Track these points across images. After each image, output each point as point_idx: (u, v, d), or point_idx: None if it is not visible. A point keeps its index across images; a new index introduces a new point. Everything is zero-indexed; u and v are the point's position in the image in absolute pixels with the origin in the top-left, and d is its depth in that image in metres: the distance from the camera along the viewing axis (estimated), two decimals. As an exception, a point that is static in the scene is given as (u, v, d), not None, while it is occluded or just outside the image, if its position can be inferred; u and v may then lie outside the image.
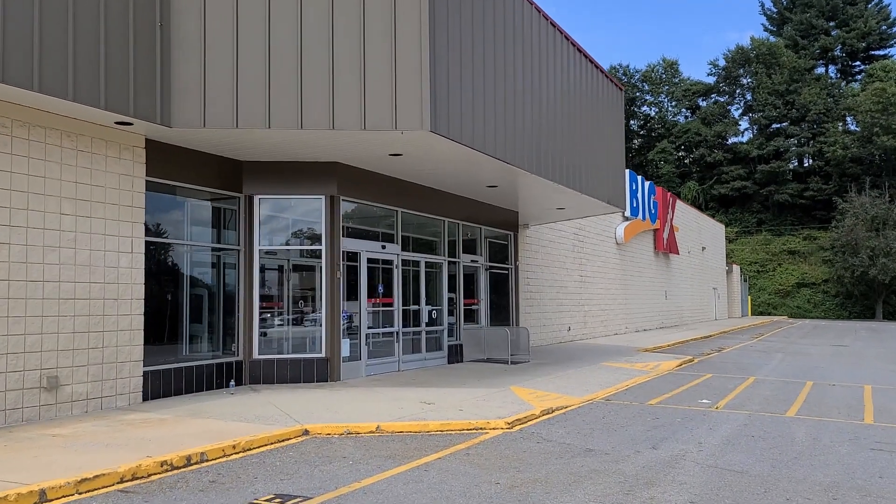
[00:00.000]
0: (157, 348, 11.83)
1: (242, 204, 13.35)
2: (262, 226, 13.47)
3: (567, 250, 26.22)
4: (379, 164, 13.69)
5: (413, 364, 15.88)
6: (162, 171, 11.73)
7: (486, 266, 19.49)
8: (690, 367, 18.00)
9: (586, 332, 27.48)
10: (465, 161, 13.41)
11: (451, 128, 11.54)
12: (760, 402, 12.00)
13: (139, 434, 8.54)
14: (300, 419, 9.56)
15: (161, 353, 11.89)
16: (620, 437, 9.04)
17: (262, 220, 13.46)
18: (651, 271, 35.87)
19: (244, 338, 13.22)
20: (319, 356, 13.41)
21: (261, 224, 13.43)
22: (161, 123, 10.51)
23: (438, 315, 17.11)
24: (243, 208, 13.35)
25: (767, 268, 68.13)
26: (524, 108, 14.30)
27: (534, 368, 16.23)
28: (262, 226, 13.47)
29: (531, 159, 14.44)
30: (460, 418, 9.75)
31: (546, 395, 12.25)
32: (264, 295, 13.62)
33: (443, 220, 17.39)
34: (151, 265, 11.70)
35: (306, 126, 10.85)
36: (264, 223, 13.53)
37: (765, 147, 73.39)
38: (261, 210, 13.44)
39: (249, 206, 13.36)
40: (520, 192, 17.21)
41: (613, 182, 19.09)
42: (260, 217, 13.42)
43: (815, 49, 77.09)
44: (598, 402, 11.96)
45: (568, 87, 16.45)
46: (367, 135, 11.34)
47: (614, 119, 19.36)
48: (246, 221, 13.36)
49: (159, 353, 11.83)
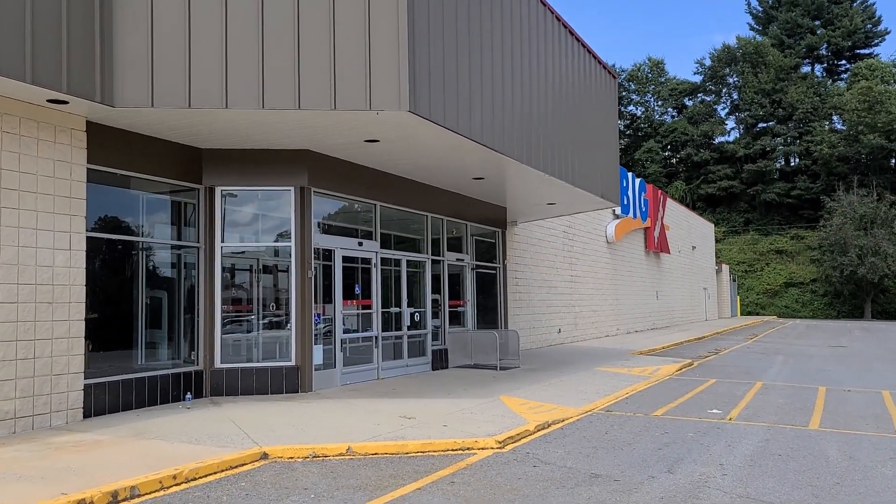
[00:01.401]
0: (106, 358, 10.52)
1: (202, 196, 12.05)
2: (225, 221, 12.17)
3: (557, 249, 25.06)
4: (354, 152, 12.43)
5: (394, 371, 14.62)
6: (108, 159, 10.42)
7: (472, 265, 18.27)
8: (691, 371, 16.87)
9: (577, 334, 26.33)
10: (448, 149, 12.18)
11: (432, 109, 10.32)
12: (776, 412, 10.85)
13: (65, 462, 7.24)
14: (259, 439, 8.28)
15: (112, 362, 10.58)
16: (629, 457, 7.84)
17: (224, 215, 12.16)
18: (642, 271, 34.80)
19: (205, 345, 11.92)
20: (289, 364, 12.13)
21: (223, 219, 12.13)
22: (102, 102, 9.21)
23: (421, 318, 15.87)
24: (203, 201, 12.05)
25: (755, 267, 67.45)
26: (513, 92, 13.11)
27: (525, 375, 15.02)
28: (225, 221, 12.17)
29: (520, 148, 13.24)
30: (444, 436, 8.51)
31: (540, 405, 11.04)
32: (229, 297, 12.33)
33: (426, 216, 16.15)
34: (97, 264, 10.39)
35: (269, 105, 9.59)
36: (227, 218, 12.23)
37: (751, 146, 72.78)
38: (223, 203, 12.15)
39: (210, 199, 12.06)
40: (508, 185, 16.01)
41: (607, 175, 17.94)
42: (222, 211, 12.13)
43: (801, 48, 76.63)
44: (598, 413, 10.77)
45: (560, 73, 15.28)
46: (338, 116, 10.09)
47: (608, 108, 18.22)
48: (206, 216, 12.06)
49: (109, 362, 10.52)
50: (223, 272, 12.12)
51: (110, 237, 10.70)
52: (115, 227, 10.90)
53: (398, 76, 9.63)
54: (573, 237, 26.42)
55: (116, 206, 11.12)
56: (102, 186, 10.59)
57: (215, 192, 12.07)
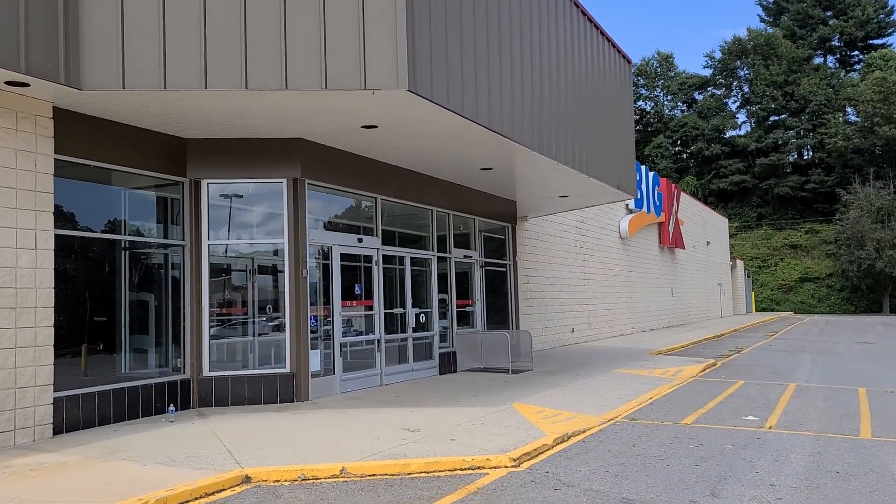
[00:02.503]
0: (83, 368, 9.61)
1: (187, 190, 11.12)
2: (212, 217, 11.23)
3: (569, 245, 24.04)
4: (351, 140, 11.47)
5: (398, 377, 13.65)
6: (80, 150, 9.49)
7: (481, 262, 17.28)
8: (715, 372, 15.82)
9: (591, 333, 25.30)
10: (453, 135, 11.21)
11: (434, 89, 9.34)
12: (820, 419, 9.82)
13: (16, 490, 6.30)
14: (244, 459, 7.33)
15: (91, 372, 9.67)
16: (663, 476, 6.84)
17: (211, 210, 11.21)
18: (657, 267, 33.72)
19: (192, 352, 10.98)
20: (283, 371, 11.18)
21: (210, 215, 11.19)
22: (67, 84, 8.27)
23: (427, 319, 14.90)
24: (188, 196, 11.11)
25: (769, 263, 66.20)
26: (522, 74, 12.12)
27: (539, 378, 14.02)
28: (212, 217, 11.23)
29: (531, 134, 12.25)
30: (452, 453, 7.54)
31: (557, 413, 10.06)
32: (218, 300, 11.40)
33: (431, 210, 15.17)
34: (70, 265, 9.46)
35: (253, 85, 8.63)
36: (215, 214, 11.29)
37: (763, 140, 71.53)
38: (210, 198, 11.21)
39: (196, 193, 11.12)
40: (517, 176, 15.02)
41: (623, 165, 16.92)
42: (209, 206, 11.19)
43: (813, 39, 75.28)
44: (622, 421, 9.77)
45: (572, 56, 14.27)
46: (330, 98, 9.14)
47: (623, 95, 17.20)
48: (192, 211, 11.12)
49: (87, 372, 9.61)
50: (211, 272, 11.18)
51: (84, 235, 9.76)
52: (90, 225, 9.97)
53: (395, 52, 8.66)
54: (586, 233, 25.40)
55: (92, 201, 10.20)
56: (75, 180, 9.68)
57: (201, 186, 11.13)
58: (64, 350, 9.19)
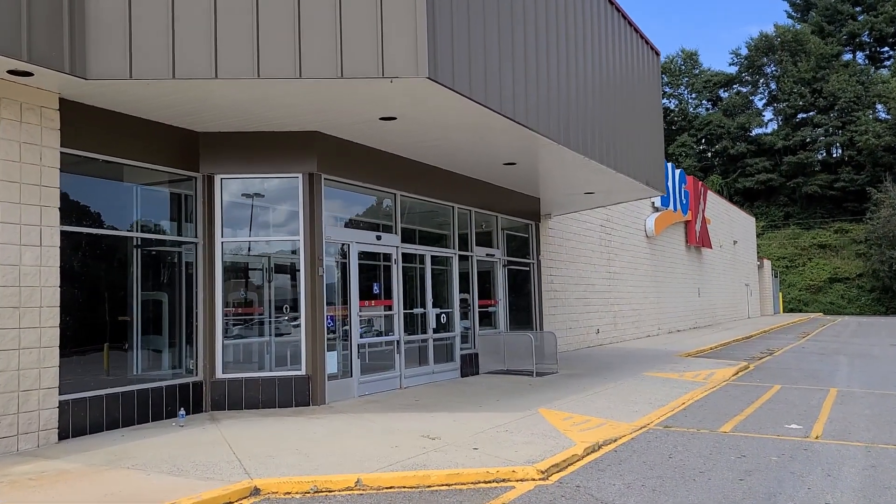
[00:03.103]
0: (92, 370, 9.25)
1: (200, 186, 10.73)
2: (226, 213, 10.83)
3: (594, 244, 23.43)
4: (369, 133, 11.02)
5: (419, 379, 13.18)
6: (88, 143, 9.13)
7: (504, 261, 16.76)
8: (749, 375, 15.18)
9: (616, 334, 24.66)
10: (475, 127, 10.71)
11: (456, 77, 8.86)
12: (868, 427, 9.19)
13: (13, 501, 5.91)
14: (253, 469, 6.89)
15: (99, 374, 9.31)
16: (705, 492, 6.30)
17: (224, 206, 10.82)
18: (683, 267, 32.96)
19: (205, 353, 10.59)
20: (298, 374, 10.75)
21: (224, 211, 10.79)
22: (72, 73, 7.90)
23: (449, 319, 14.41)
24: (201, 191, 10.72)
25: (797, 263, 64.84)
26: (548, 64, 11.60)
27: (564, 382, 13.48)
28: (226, 213, 10.83)
29: (556, 127, 11.72)
30: (475, 463, 7.05)
31: (586, 420, 9.52)
32: (232, 299, 11.00)
33: (452, 207, 14.68)
34: (78, 263, 9.09)
35: (265, 73, 8.20)
36: (228, 210, 10.89)
37: (791, 137, 70.13)
38: (223, 193, 10.81)
39: (209, 189, 10.73)
40: (542, 171, 14.49)
41: (651, 160, 16.32)
42: (222, 202, 10.80)
43: (843, 35, 73.70)
44: (656, 429, 9.21)
45: (600, 46, 13.72)
46: (346, 87, 8.68)
47: (651, 87, 16.60)
48: (205, 208, 10.73)
49: (96, 374, 9.25)
50: (224, 271, 10.78)
51: (94, 232, 9.38)
52: (100, 221, 9.60)
53: (415, 37, 8.19)
54: (611, 231, 24.77)
55: (103, 197, 9.85)
56: (84, 176, 9.34)
57: (214, 181, 10.74)
58: (72, 351, 8.84)
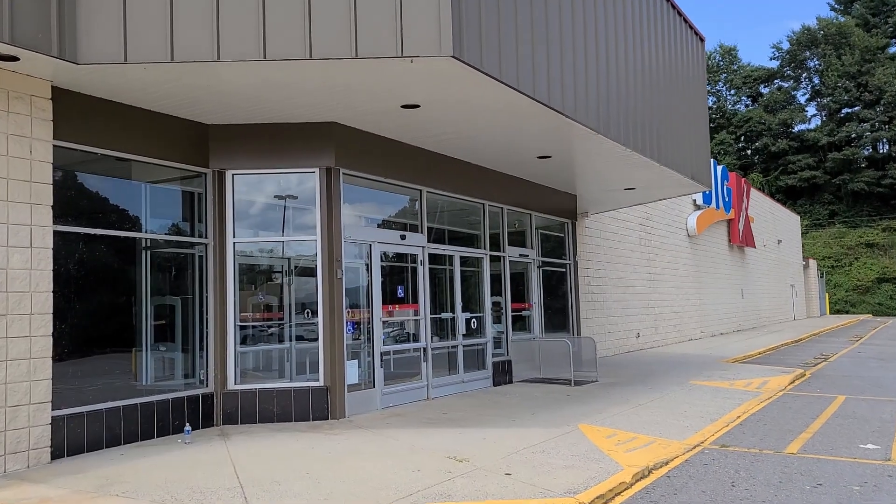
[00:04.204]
0: (93, 381, 8.54)
1: (210, 182, 9.98)
2: (238, 212, 10.07)
3: (633, 243, 22.33)
4: (391, 123, 10.17)
5: (447, 389, 12.28)
6: (85, 135, 8.40)
7: (538, 262, 15.80)
8: (806, 384, 14.01)
9: (657, 338, 23.50)
10: (506, 115, 9.80)
11: (484, 57, 7.96)
12: (956, 448, 8.08)
13: (-27, 539, 5.18)
14: (255, 498, 6.06)
15: (100, 386, 8.60)
16: (780, 531, 5.31)
17: (237, 204, 10.06)
18: (726, 267, 31.59)
19: (215, 362, 9.83)
20: (316, 384, 9.93)
21: (235, 209, 10.03)
22: (61, 57, 7.18)
23: (480, 324, 13.50)
24: (211, 188, 9.97)
25: (843, 262, 62.61)
26: (586, 46, 10.65)
27: (605, 392, 12.49)
28: (238, 212, 10.07)
29: (596, 115, 10.76)
30: (508, 494, 6.13)
31: (632, 437, 8.55)
32: (247, 304, 10.23)
33: (482, 205, 13.77)
34: (77, 266, 8.38)
35: (272, 54, 7.39)
36: (241, 208, 10.13)
37: (835, 133, 67.88)
38: (235, 190, 10.05)
39: (219, 186, 9.98)
40: (579, 165, 13.52)
41: (697, 153, 15.23)
42: (234, 200, 10.04)
43: (888, 27, 71.24)
44: (711, 449, 8.20)
45: (641, 29, 12.71)
46: (362, 69, 7.83)
47: (695, 74, 15.51)
48: (215, 206, 9.98)
49: (96, 386, 8.54)
50: (237, 273, 10.01)
51: (94, 232, 8.63)
52: (101, 221, 8.87)
53: (438, 11, 7.31)
54: (651, 230, 23.63)
55: (105, 195, 9.16)
56: (84, 172, 8.66)
57: (225, 177, 9.98)
58: (70, 362, 8.14)
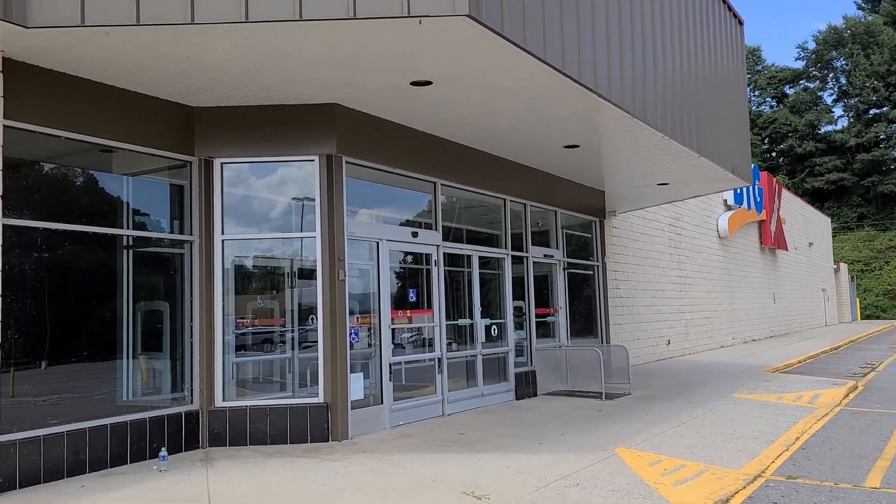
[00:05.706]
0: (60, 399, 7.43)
1: (196, 172, 8.85)
2: (227, 205, 8.93)
3: (663, 244, 21.00)
4: (400, 104, 8.99)
5: (465, 404, 11.07)
6: (45, 116, 7.29)
7: (564, 264, 14.55)
8: (862, 398, 12.64)
9: (689, 345, 22.13)
10: (530, 94, 8.60)
11: (505, 20, 6.77)
12: None
13: None
14: (224, 550, 4.90)
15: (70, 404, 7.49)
16: None
17: (225, 197, 8.92)
18: (758, 270, 30.12)
19: (201, 376, 8.68)
20: (315, 401, 8.75)
21: (224, 202, 8.90)
22: (7, 20, 6.10)
23: (501, 330, 12.28)
24: (197, 178, 8.84)
25: (873, 266, 60.75)
26: (620, 22, 9.43)
27: (641, 407, 11.21)
28: (227, 205, 8.93)
29: (632, 97, 9.54)
30: (538, 545, 4.91)
31: (680, 465, 7.29)
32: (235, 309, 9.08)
33: (503, 200, 12.55)
34: (34, 267, 7.27)
35: (255, 15, 6.25)
36: (230, 201, 8.99)
37: (864, 134, 66.06)
38: (224, 181, 8.92)
39: (206, 176, 8.84)
40: (609, 156, 12.28)
41: (737, 144, 13.93)
42: (223, 191, 8.90)
43: (918, 24, 69.30)
44: (775, 481, 6.92)
45: (679, 8, 11.48)
46: (363, 34, 6.66)
47: (734, 60, 14.21)
48: (201, 198, 8.84)
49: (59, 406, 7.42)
50: (226, 275, 8.88)
51: (53, 227, 7.43)
52: (64, 215, 7.73)
53: (451, -39, 6.15)
54: (681, 231, 22.28)
55: (74, 186, 8.10)
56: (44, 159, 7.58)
57: (213, 166, 8.85)
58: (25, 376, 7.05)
